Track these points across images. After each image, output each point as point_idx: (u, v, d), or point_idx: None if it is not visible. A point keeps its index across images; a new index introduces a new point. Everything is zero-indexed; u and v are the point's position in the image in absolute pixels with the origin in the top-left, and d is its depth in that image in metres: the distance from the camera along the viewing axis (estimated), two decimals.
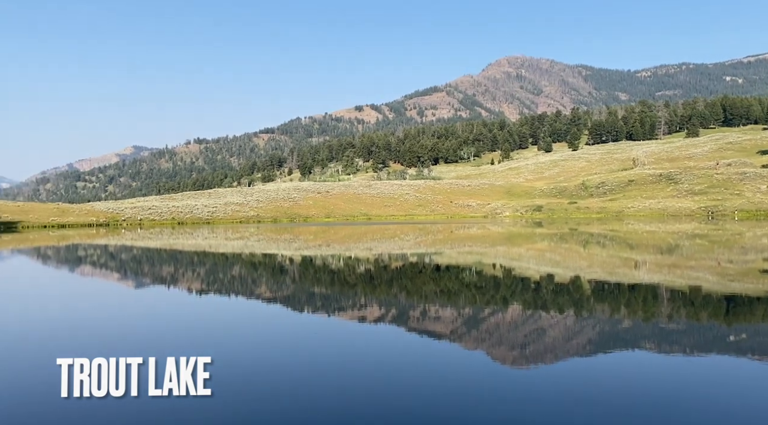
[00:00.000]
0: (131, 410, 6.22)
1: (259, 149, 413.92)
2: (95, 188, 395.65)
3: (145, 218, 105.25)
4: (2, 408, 6.54)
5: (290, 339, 10.13)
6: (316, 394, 6.85)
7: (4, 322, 12.27)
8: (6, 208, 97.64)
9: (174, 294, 16.55)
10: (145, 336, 10.53)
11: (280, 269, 22.96)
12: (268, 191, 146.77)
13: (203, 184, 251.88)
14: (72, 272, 24.55)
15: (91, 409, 6.22)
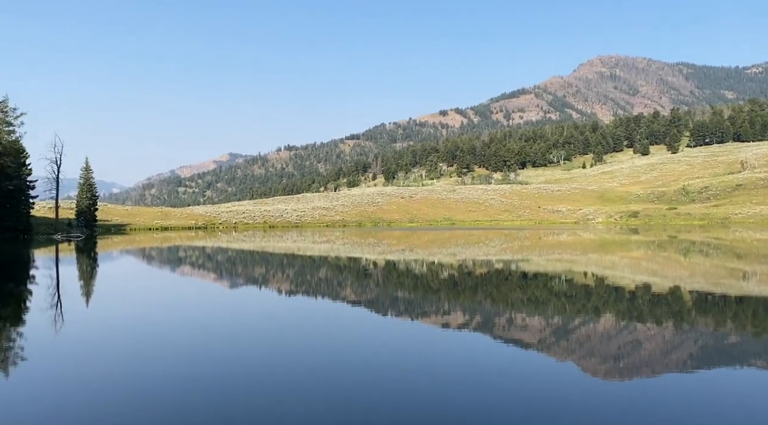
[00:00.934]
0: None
1: (345, 154, 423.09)
2: (194, 193, 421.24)
3: (240, 222, 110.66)
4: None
5: (371, 343, 10.19)
6: (397, 400, 6.83)
7: (114, 318, 13.30)
8: (116, 212, 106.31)
9: (264, 295, 17.20)
10: (231, 335, 11.01)
11: (364, 273, 23.25)
12: (353, 196, 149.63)
13: (292, 189, 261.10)
14: (173, 272, 26.23)
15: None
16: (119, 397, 6.95)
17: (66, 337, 10.88)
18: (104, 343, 10.22)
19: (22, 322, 12.78)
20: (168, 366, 8.39)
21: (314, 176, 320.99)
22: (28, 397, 7.03)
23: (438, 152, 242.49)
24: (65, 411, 6.48)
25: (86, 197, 78.94)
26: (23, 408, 6.64)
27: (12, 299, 16.59)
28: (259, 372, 8.02)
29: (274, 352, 9.35)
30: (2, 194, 61.34)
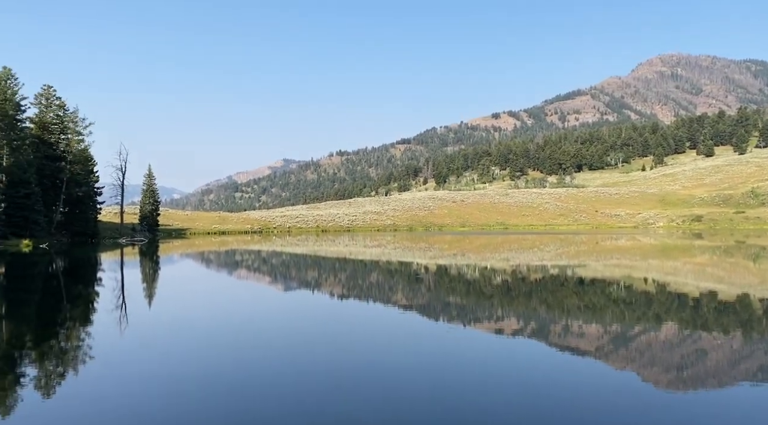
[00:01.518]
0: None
1: (396, 159, 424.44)
2: (250, 198, 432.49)
3: (293, 226, 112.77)
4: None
5: (422, 348, 10.14)
6: (450, 408, 6.77)
7: (174, 319, 13.80)
8: (177, 217, 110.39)
9: (316, 298, 17.44)
10: (283, 337, 11.21)
11: (416, 278, 23.20)
12: (404, 201, 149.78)
13: (344, 194, 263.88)
14: (229, 275, 26.99)
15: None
16: (174, 395, 7.19)
17: (129, 337, 11.37)
18: (164, 343, 10.62)
19: (90, 322, 13.44)
20: (221, 366, 8.62)
21: (365, 181, 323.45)
22: (93, 395, 7.38)
23: (490, 156, 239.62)
24: (127, 407, 6.76)
25: (149, 203, 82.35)
26: (90, 406, 6.97)
27: (81, 301, 17.49)
28: (308, 373, 8.12)
29: (325, 357, 9.45)
30: (72, 200, 64.84)
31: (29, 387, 7.75)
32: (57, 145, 64.36)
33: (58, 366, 8.97)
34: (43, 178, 59.70)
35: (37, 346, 10.59)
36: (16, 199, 53.91)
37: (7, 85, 58.56)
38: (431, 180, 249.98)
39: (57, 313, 14.74)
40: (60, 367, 8.87)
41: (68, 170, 63.62)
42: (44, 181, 59.96)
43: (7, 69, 59.47)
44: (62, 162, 63.56)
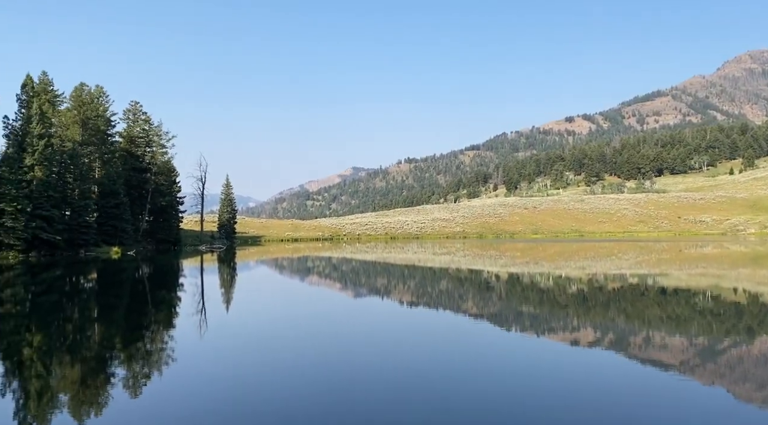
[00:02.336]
0: None
1: (465, 165, 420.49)
2: (321, 206, 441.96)
3: (363, 233, 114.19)
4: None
5: (493, 360, 9.93)
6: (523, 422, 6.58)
7: (250, 324, 14.27)
8: (252, 224, 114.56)
9: (385, 305, 17.51)
10: (352, 343, 11.30)
11: (486, 286, 22.81)
12: (474, 207, 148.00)
13: (412, 201, 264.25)
14: (302, 280, 27.64)
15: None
16: (248, 395, 7.41)
17: (208, 341, 11.86)
18: (240, 346, 10.98)
19: (173, 326, 14.14)
20: (291, 369, 8.80)
21: (434, 188, 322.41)
22: (174, 395, 7.74)
23: (564, 161, 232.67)
24: (203, 407, 7.04)
25: (227, 211, 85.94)
26: (171, 405, 7.31)
27: (164, 305, 18.46)
28: (372, 381, 8.13)
29: (392, 363, 9.44)
30: (156, 209, 68.72)
31: (118, 386, 8.24)
32: (143, 157, 68.54)
33: (144, 367, 9.48)
34: (130, 189, 63.73)
35: (125, 348, 11.24)
36: (107, 209, 57.80)
37: (99, 103, 63.07)
38: (501, 186, 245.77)
39: (143, 317, 15.62)
40: (145, 368, 9.37)
41: (153, 181, 67.55)
42: (131, 191, 63.99)
43: (99, 87, 64.08)
44: (148, 173, 67.59)
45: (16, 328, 13.86)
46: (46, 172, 48.66)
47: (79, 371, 9.19)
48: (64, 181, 53.10)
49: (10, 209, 44.37)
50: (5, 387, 8.34)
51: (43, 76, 56.16)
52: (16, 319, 15.39)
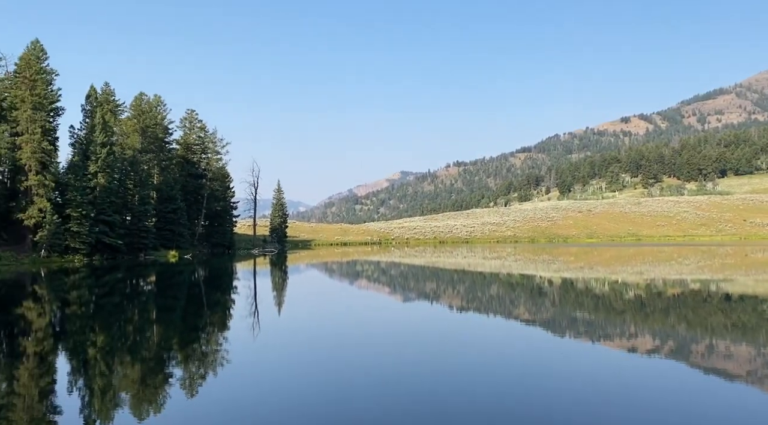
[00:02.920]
0: None
1: (516, 168, 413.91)
2: (369, 210, 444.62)
3: (411, 237, 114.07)
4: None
5: (545, 367, 9.67)
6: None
7: (302, 327, 14.46)
8: (303, 228, 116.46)
9: (434, 309, 17.39)
10: (400, 346, 11.24)
11: (539, 291, 22.33)
12: (525, 211, 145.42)
13: (461, 205, 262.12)
14: (351, 284, 27.84)
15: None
16: (298, 398, 7.49)
17: (261, 342, 12.08)
18: (291, 347, 11.13)
19: (227, 327, 14.50)
20: (341, 372, 8.84)
21: (483, 191, 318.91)
22: (227, 395, 7.91)
23: (620, 162, 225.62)
24: (253, 406, 7.16)
25: (278, 216, 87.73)
26: (224, 405, 7.48)
27: (219, 307, 18.96)
28: (419, 386, 8.06)
29: (441, 370, 9.34)
30: (211, 214, 70.83)
31: (176, 386, 8.49)
32: (198, 164, 70.86)
33: (200, 368, 9.75)
34: (186, 194, 65.98)
35: (182, 349, 11.60)
36: (165, 214, 60.04)
37: (157, 111, 65.64)
38: (554, 189, 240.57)
39: (198, 319, 16.09)
40: (201, 369, 9.63)
41: (208, 187, 69.69)
42: (188, 197, 66.23)
43: (157, 96, 66.69)
44: (203, 179, 69.81)
45: (81, 328, 14.54)
46: (108, 179, 50.96)
47: (138, 370, 9.54)
48: (125, 187, 55.49)
49: (76, 214, 46.73)
50: (72, 385, 8.75)
51: (106, 86, 58.92)
52: (81, 320, 16.16)
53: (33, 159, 46.64)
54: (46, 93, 48.91)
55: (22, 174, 48.29)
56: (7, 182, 50.76)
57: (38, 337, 13.04)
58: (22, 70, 48.79)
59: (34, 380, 9.00)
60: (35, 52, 49.57)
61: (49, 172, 47.54)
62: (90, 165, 49.36)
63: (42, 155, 47.16)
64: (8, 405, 7.46)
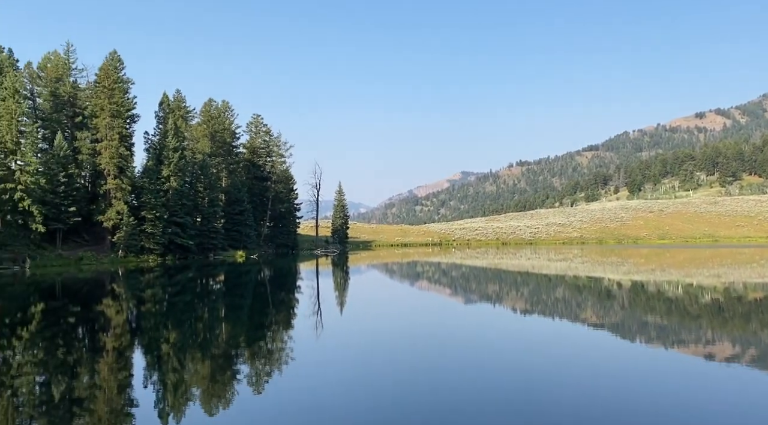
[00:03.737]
0: None
1: (582, 167, 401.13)
2: (430, 211, 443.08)
3: (473, 238, 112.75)
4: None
5: (615, 374, 9.28)
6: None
7: (362, 326, 14.58)
8: (363, 229, 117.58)
9: (497, 312, 17.09)
10: (460, 349, 11.10)
11: (607, 294, 21.52)
12: (592, 211, 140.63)
13: (525, 205, 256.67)
14: (411, 285, 27.82)
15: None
16: (358, 396, 7.54)
17: (324, 341, 12.27)
18: (353, 346, 11.24)
19: (291, 326, 14.83)
20: (399, 372, 8.83)
21: (548, 191, 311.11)
22: (291, 393, 8.07)
23: (694, 160, 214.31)
24: (317, 404, 7.26)
25: (339, 217, 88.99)
26: (287, 402, 7.64)
27: (284, 306, 19.43)
28: (477, 391, 7.92)
29: (499, 373, 9.16)
30: (276, 215, 72.73)
31: (243, 382, 8.76)
32: (264, 167, 72.98)
33: (266, 365, 10.01)
34: (252, 196, 68.09)
35: (249, 346, 11.95)
36: (232, 215, 62.20)
37: (225, 117, 68.12)
38: (623, 189, 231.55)
39: (264, 317, 16.54)
40: (267, 366, 9.89)
41: (273, 189, 71.64)
42: (254, 199, 68.33)
43: (225, 102, 69.19)
44: (268, 182, 71.84)
45: (156, 325, 15.27)
46: (180, 182, 53.30)
47: (208, 367, 9.91)
48: (196, 190, 57.88)
49: (150, 216, 49.18)
50: (147, 379, 9.20)
51: (177, 93, 61.71)
52: (155, 317, 16.98)
53: (111, 164, 49.49)
54: (123, 101, 51.77)
55: (101, 178, 51.37)
56: (88, 185, 54.14)
57: (116, 333, 13.80)
58: (101, 79, 51.88)
59: (114, 374, 9.53)
60: (113, 63, 52.56)
61: (126, 176, 50.32)
62: (163, 169, 51.80)
63: (119, 160, 49.97)
64: (90, 397, 7.93)
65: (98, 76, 52.53)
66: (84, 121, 53.19)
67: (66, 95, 53.82)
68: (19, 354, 11.30)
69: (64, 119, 53.95)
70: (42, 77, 53.52)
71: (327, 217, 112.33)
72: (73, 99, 54.58)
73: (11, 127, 44.42)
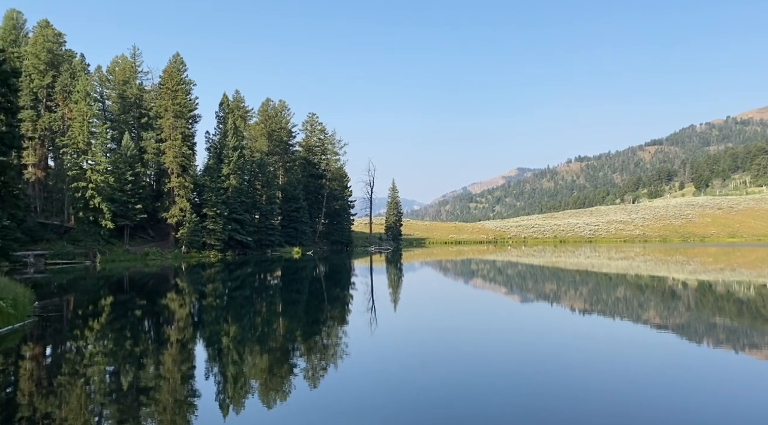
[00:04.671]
0: None
1: (645, 162, 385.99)
2: (484, 208, 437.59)
3: (529, 236, 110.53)
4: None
5: (680, 380, 8.87)
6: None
7: (415, 324, 14.57)
8: (417, 227, 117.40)
9: (554, 312, 16.68)
10: (518, 352, 10.88)
11: (671, 294, 20.62)
12: (656, 208, 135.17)
13: (584, 202, 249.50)
14: (466, 283, 27.56)
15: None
16: (410, 394, 7.52)
17: (378, 338, 12.34)
18: (407, 344, 11.24)
19: (346, 322, 14.98)
20: (452, 373, 8.75)
21: (608, 188, 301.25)
22: (345, 388, 8.15)
23: (767, 154, 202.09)
24: (371, 400, 7.30)
25: (393, 214, 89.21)
26: (342, 397, 7.72)
27: (338, 302, 19.66)
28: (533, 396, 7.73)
29: (561, 376, 8.92)
30: (330, 212, 73.71)
31: (299, 376, 8.92)
32: (319, 164, 74.10)
33: (321, 360, 10.16)
34: (308, 194, 69.28)
35: (305, 341, 12.17)
36: (289, 212, 63.51)
37: (282, 116, 69.58)
38: (689, 185, 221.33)
39: (320, 312, 16.80)
40: (323, 361, 10.03)
41: (327, 186, 72.64)
42: (309, 196, 69.51)
43: (282, 102, 70.67)
44: (323, 180, 72.89)
45: (216, 319, 15.78)
46: (239, 180, 54.88)
47: (266, 360, 10.15)
48: (254, 188, 59.46)
49: (212, 213, 50.91)
50: (208, 371, 9.53)
51: (236, 94, 63.52)
52: (216, 311, 17.56)
53: (175, 163, 51.51)
54: (186, 102, 53.77)
55: (165, 177, 53.59)
56: (153, 184, 56.61)
57: (180, 326, 14.36)
58: (165, 81, 54.06)
59: (177, 365, 9.91)
60: (176, 65, 54.65)
61: (189, 174, 52.27)
62: (223, 168, 53.47)
63: (182, 159, 51.96)
64: (156, 387, 8.28)
65: (162, 79, 54.78)
66: (149, 121, 55.67)
67: (132, 97, 56.45)
68: (91, 345, 11.95)
69: (130, 120, 56.61)
70: (110, 80, 56.32)
71: (380, 214, 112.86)
72: (139, 101, 57.21)
73: (83, 128, 47.03)
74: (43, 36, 50.67)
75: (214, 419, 6.93)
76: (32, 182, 48.49)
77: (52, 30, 51.60)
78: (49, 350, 11.69)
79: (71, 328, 14.03)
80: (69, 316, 16.14)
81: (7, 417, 6.92)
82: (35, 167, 49.50)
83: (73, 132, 47.17)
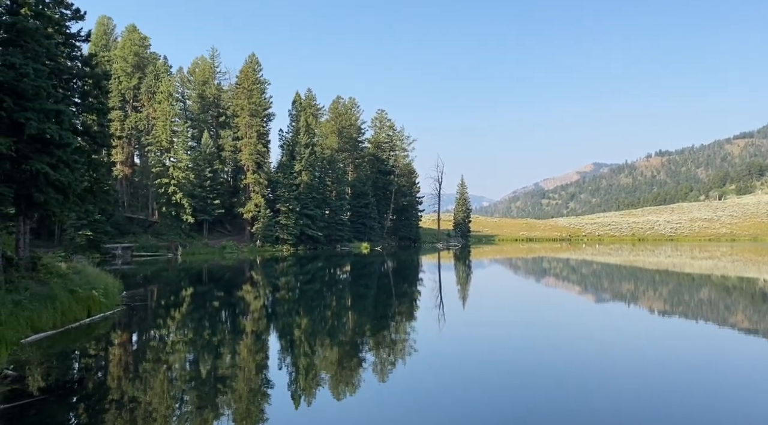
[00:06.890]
0: None
1: (733, 157, 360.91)
2: (557, 205, 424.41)
3: (605, 234, 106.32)
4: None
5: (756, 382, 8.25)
6: None
7: (482, 322, 14.39)
8: (486, 223, 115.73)
9: (630, 313, 15.97)
10: (586, 354, 10.49)
11: (762, 297, 19.22)
12: (745, 205, 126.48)
13: (665, 198, 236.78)
14: (537, 282, 26.90)
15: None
16: (471, 392, 7.43)
17: (446, 335, 12.29)
18: (476, 343, 11.12)
19: (414, 318, 15.02)
20: (520, 374, 8.57)
21: (692, 184, 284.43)
22: (410, 383, 8.17)
23: None
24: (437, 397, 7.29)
25: (461, 211, 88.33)
26: (408, 392, 7.74)
27: (407, 298, 19.73)
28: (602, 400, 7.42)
29: (632, 381, 8.53)
30: (398, 208, 73.92)
31: (368, 370, 9.05)
32: (387, 161, 74.44)
33: (390, 354, 10.25)
34: (376, 190, 69.80)
35: (374, 335, 12.30)
36: (357, 208, 64.30)
37: (351, 113, 70.48)
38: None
39: (388, 307, 16.93)
40: (391, 356, 10.11)
41: (396, 183, 72.87)
42: (377, 192, 70.02)
43: (351, 99, 71.53)
44: (391, 176, 73.18)
45: (288, 311, 16.26)
46: (311, 176, 56.13)
47: (336, 353, 10.36)
48: (324, 184, 60.63)
49: (285, 208, 52.40)
50: (281, 362, 9.85)
51: (308, 92, 64.87)
52: (288, 303, 18.09)
53: (250, 160, 53.41)
54: (261, 101, 55.56)
55: (241, 173, 55.70)
56: (230, 180, 58.98)
57: (254, 317, 14.91)
58: (241, 81, 56.10)
59: (252, 355, 10.31)
60: (252, 65, 56.55)
61: (263, 171, 54.06)
62: (295, 164, 54.87)
63: (257, 156, 53.79)
64: (231, 376, 8.65)
65: (239, 78, 56.89)
66: (226, 120, 58.01)
67: (211, 97, 58.99)
68: (173, 333, 12.64)
69: (209, 119, 59.19)
70: (191, 81, 59.08)
71: (449, 210, 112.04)
72: (217, 100, 59.71)
73: (166, 127, 49.66)
74: (130, 40, 53.92)
75: (287, 408, 7.16)
76: (120, 179, 51.77)
77: (138, 34, 54.80)
78: (135, 337, 12.49)
79: (155, 317, 14.90)
80: (153, 306, 17.14)
81: (99, 398, 7.46)
82: (123, 164, 52.82)
83: (156, 131, 49.90)
